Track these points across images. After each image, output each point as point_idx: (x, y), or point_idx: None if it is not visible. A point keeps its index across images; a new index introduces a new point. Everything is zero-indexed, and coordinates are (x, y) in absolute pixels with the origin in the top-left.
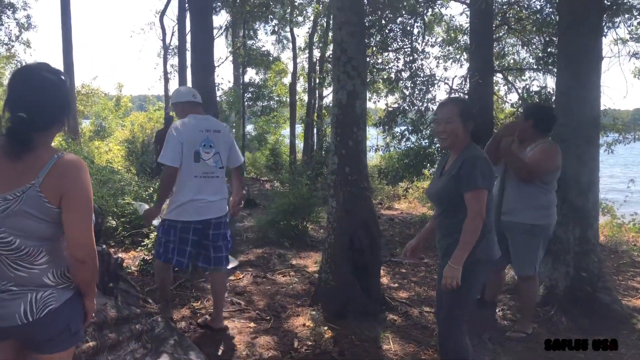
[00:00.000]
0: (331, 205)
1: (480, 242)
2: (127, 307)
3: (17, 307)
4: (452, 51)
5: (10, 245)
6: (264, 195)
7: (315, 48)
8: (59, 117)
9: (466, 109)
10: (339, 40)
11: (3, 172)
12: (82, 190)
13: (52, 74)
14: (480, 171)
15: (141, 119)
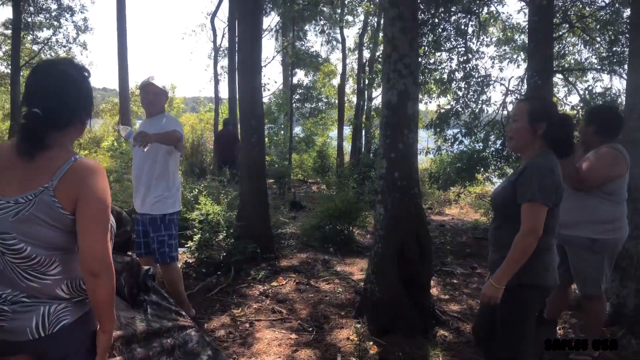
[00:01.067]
0: (379, 211)
1: (530, 264)
2: (157, 321)
3: (29, 321)
4: (509, 51)
5: (21, 253)
6: (310, 198)
7: (365, 49)
8: (77, 115)
9: (538, 109)
10: (390, 36)
11: (15, 173)
12: (97, 197)
13: (71, 69)
14: (540, 183)
15: (192, 120)
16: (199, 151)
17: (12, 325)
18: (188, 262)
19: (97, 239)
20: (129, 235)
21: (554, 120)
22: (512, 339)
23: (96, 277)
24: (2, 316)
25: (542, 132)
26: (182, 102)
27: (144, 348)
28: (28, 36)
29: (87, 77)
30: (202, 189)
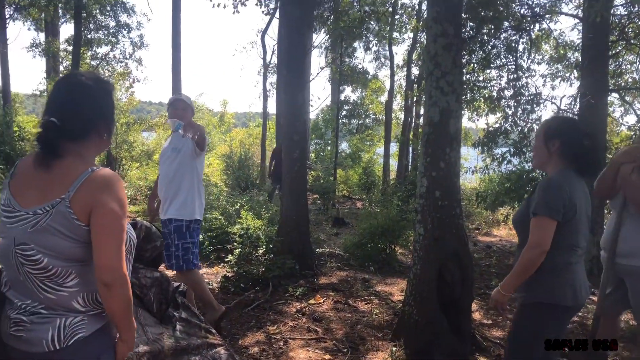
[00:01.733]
0: (418, 232)
1: (547, 281)
2: (186, 338)
3: (45, 332)
4: (561, 69)
5: (38, 264)
6: (354, 215)
7: (414, 65)
8: (92, 126)
9: (552, 127)
10: (432, 53)
11: (34, 184)
12: (111, 207)
13: (90, 80)
14: (544, 197)
15: (241, 135)
16: (246, 165)
17: (29, 336)
18: (227, 276)
19: (110, 250)
20: (159, 251)
21: (568, 138)
22: (520, 355)
23: (109, 288)
24: (21, 326)
25: (557, 150)
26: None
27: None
28: (88, 52)
29: (106, 89)
30: (244, 203)
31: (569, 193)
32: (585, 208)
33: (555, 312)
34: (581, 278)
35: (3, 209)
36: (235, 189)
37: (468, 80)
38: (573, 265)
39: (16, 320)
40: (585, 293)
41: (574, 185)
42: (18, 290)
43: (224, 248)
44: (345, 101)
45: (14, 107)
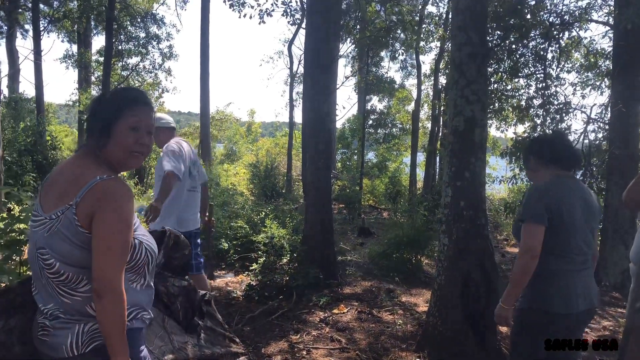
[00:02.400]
0: (443, 242)
1: (539, 288)
2: (210, 347)
3: (65, 338)
4: (592, 77)
5: (52, 268)
6: (380, 225)
7: (441, 75)
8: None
9: (524, 150)
10: (457, 62)
11: (55, 190)
12: (113, 218)
13: (121, 89)
14: (527, 203)
15: (268, 145)
16: (272, 174)
17: (52, 341)
18: (251, 284)
19: (105, 260)
20: (187, 259)
21: (537, 148)
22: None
23: (100, 298)
24: (45, 331)
25: (534, 164)
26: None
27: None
28: (119, 62)
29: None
30: (269, 211)
31: (555, 197)
32: (584, 214)
33: (546, 318)
34: (578, 285)
35: (33, 214)
36: (261, 198)
37: (496, 90)
38: (567, 272)
39: (42, 325)
40: (584, 301)
41: (566, 190)
42: (42, 294)
43: (249, 257)
44: (372, 110)
45: (47, 117)
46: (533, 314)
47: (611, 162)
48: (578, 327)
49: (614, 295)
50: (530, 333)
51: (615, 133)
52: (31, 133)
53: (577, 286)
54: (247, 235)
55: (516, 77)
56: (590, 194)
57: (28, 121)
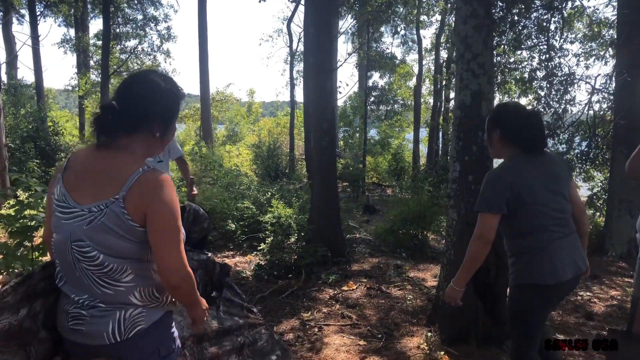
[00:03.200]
0: (451, 217)
1: (524, 264)
2: (229, 318)
3: (105, 326)
4: (596, 47)
5: (95, 260)
6: (384, 202)
7: (442, 49)
8: (148, 121)
9: (491, 117)
10: (462, 35)
11: (88, 180)
12: (167, 211)
13: (155, 76)
14: (483, 194)
15: (269, 125)
16: (275, 154)
17: (89, 329)
18: (260, 264)
19: (171, 253)
20: (206, 233)
21: (506, 124)
22: (516, 336)
23: (176, 288)
24: (81, 320)
25: (499, 139)
26: (260, 106)
27: (215, 346)
28: (117, 46)
29: (173, 92)
30: (275, 192)
31: (510, 182)
32: (549, 185)
33: (536, 291)
34: (564, 255)
35: (57, 204)
36: (265, 178)
37: (499, 62)
38: (549, 244)
39: (75, 315)
40: (570, 268)
41: (522, 170)
42: (74, 285)
43: (257, 237)
44: (373, 87)
45: (47, 103)
46: (525, 290)
47: (616, 132)
48: (567, 292)
49: (620, 264)
50: (524, 307)
51: (620, 103)
52: (32, 119)
53: (564, 255)
54: (254, 216)
55: (519, 50)
56: (550, 161)
57: (28, 107)
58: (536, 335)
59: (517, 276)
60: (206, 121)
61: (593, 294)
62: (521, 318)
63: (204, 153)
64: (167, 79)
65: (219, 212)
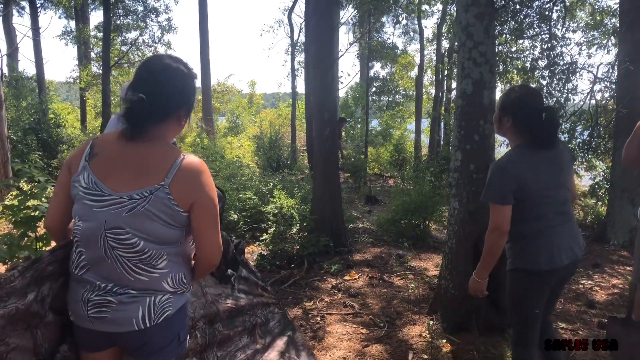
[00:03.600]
0: (453, 206)
1: (521, 249)
2: (244, 297)
3: (135, 312)
4: (598, 36)
5: (134, 247)
6: (386, 192)
7: (443, 39)
8: (177, 110)
9: (510, 101)
10: (464, 24)
11: (123, 167)
12: (211, 197)
13: (174, 62)
14: (489, 184)
15: (271, 116)
16: (276, 145)
17: (116, 316)
18: (262, 254)
19: (215, 237)
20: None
21: (521, 115)
22: (514, 318)
23: (214, 267)
24: (107, 307)
25: (510, 126)
26: (261, 98)
27: (226, 327)
28: (117, 37)
29: (193, 76)
30: (277, 182)
31: (515, 174)
32: (553, 175)
33: (532, 276)
34: (561, 241)
35: (86, 192)
36: (267, 169)
37: (500, 52)
38: (548, 230)
39: (98, 302)
40: (567, 256)
41: (527, 160)
42: (100, 273)
43: (259, 227)
44: (375, 77)
45: (49, 95)
46: (521, 274)
47: (618, 122)
48: (564, 279)
49: (622, 253)
50: (521, 292)
51: (622, 92)
52: (34, 112)
53: (560, 242)
54: (256, 206)
55: (521, 39)
56: (556, 149)
57: (30, 100)
58: (535, 321)
59: (514, 261)
60: (207, 113)
61: (595, 283)
62: (519, 303)
63: (205, 144)
64: (184, 62)
65: None
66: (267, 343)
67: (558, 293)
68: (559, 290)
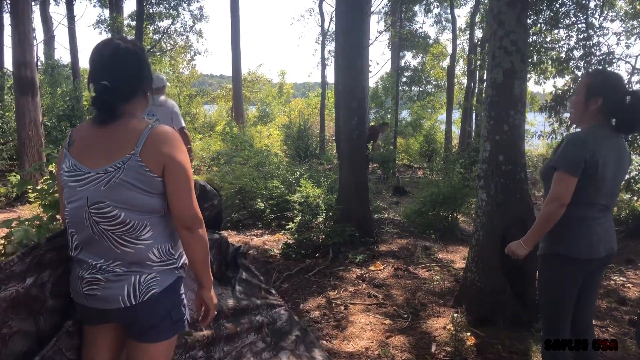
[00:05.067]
0: (481, 197)
1: (561, 234)
2: (246, 298)
3: (121, 289)
4: (637, 25)
5: (116, 219)
6: (414, 183)
7: (477, 28)
8: (138, 83)
9: (596, 82)
10: (495, 11)
11: (96, 147)
12: (181, 160)
13: (128, 44)
14: (564, 152)
15: (300, 106)
16: (305, 135)
17: (105, 294)
18: (288, 242)
19: (187, 198)
20: (217, 210)
21: (612, 95)
22: (545, 306)
23: (191, 231)
24: (96, 285)
25: (598, 107)
26: (291, 87)
27: (232, 323)
28: (150, 26)
29: (143, 50)
30: (304, 171)
31: (592, 150)
32: (616, 168)
33: (569, 263)
34: (601, 233)
35: (68, 175)
36: (295, 158)
37: (534, 42)
38: (592, 219)
39: (90, 280)
40: (605, 248)
41: (604, 142)
42: (91, 250)
43: (285, 216)
44: (406, 67)
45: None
46: (556, 260)
47: None
48: (598, 272)
49: None
50: (554, 279)
51: None
52: (68, 99)
53: (600, 233)
54: (283, 195)
55: (556, 28)
56: (624, 147)
57: (65, 87)
58: (567, 312)
59: (551, 245)
60: (238, 102)
61: (627, 279)
62: (550, 290)
63: (235, 133)
64: (130, 40)
65: (248, 191)
66: (275, 341)
67: (593, 288)
68: (594, 285)
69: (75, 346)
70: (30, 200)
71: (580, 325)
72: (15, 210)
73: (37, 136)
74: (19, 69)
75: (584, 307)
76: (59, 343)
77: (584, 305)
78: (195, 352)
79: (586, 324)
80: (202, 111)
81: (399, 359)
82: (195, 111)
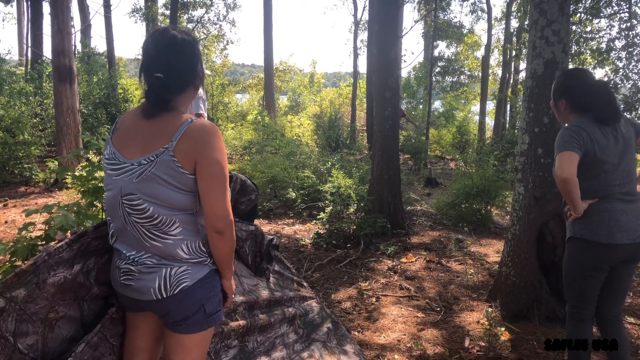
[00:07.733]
0: (518, 191)
1: (582, 220)
2: (279, 290)
3: (152, 282)
4: None
5: (145, 212)
6: (447, 175)
7: (513, 18)
8: (193, 75)
9: (558, 84)
10: (537, 0)
11: (137, 137)
12: (216, 158)
13: (184, 35)
14: (560, 139)
15: (331, 95)
16: (336, 125)
17: (138, 285)
18: (319, 232)
19: (219, 199)
20: (254, 204)
21: (572, 94)
22: (570, 294)
23: (221, 234)
24: (130, 275)
25: (565, 107)
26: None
27: (266, 314)
28: (184, 15)
29: (198, 42)
30: (335, 162)
31: (586, 135)
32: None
33: (588, 247)
34: (621, 219)
35: (107, 163)
36: (326, 148)
37: (574, 32)
38: (609, 205)
39: (125, 270)
40: (627, 235)
41: (596, 129)
42: (125, 241)
43: (316, 206)
44: (439, 57)
45: (118, 71)
46: (579, 244)
47: None
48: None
49: None
50: (577, 261)
51: None
52: (104, 86)
53: (622, 219)
54: (314, 185)
55: (597, 18)
56: (625, 132)
57: (101, 75)
58: (589, 298)
59: (573, 229)
60: (269, 91)
61: None
62: (574, 273)
63: (266, 122)
64: (185, 31)
65: (280, 181)
66: (307, 333)
67: (624, 280)
68: (625, 277)
69: (118, 333)
70: (67, 186)
71: (607, 323)
72: (53, 195)
73: (74, 123)
74: (57, 57)
75: (610, 301)
76: (103, 329)
77: (611, 300)
78: (231, 342)
79: (614, 322)
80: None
81: (431, 352)
82: (227, 100)
